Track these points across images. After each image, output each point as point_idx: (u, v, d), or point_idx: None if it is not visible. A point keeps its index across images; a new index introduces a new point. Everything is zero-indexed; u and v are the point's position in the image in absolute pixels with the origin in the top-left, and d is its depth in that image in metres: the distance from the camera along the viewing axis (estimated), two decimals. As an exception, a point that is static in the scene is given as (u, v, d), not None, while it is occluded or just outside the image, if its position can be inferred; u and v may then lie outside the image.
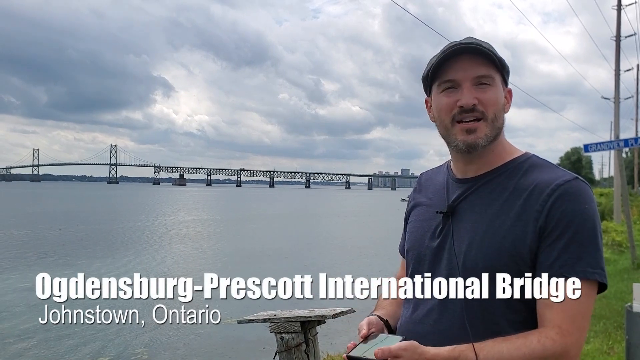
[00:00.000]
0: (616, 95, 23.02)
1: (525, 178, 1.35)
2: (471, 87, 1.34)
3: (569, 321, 1.23)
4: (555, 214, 1.27)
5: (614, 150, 10.90)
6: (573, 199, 1.28)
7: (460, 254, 1.33)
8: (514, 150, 1.44)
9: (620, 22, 22.35)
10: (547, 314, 1.25)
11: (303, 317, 3.82)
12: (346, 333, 8.77)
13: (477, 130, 1.34)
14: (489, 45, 1.38)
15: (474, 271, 1.30)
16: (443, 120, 1.39)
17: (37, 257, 18.50)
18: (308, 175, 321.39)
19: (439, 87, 1.39)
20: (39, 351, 8.79)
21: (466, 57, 1.35)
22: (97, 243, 22.68)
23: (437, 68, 1.38)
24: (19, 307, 10.75)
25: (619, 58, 22.41)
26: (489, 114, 1.35)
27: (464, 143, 1.36)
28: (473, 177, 1.42)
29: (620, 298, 7.06)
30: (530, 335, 1.23)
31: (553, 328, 1.23)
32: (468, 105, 1.33)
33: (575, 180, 1.31)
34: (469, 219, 1.36)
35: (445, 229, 1.40)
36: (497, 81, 1.38)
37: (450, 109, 1.36)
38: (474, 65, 1.34)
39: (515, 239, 1.28)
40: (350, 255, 20.52)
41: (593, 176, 70.74)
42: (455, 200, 1.41)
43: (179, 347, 9.17)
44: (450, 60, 1.35)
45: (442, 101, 1.38)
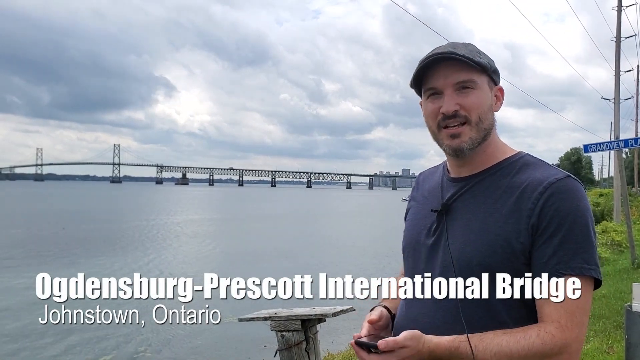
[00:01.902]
0: (616, 96, 22.99)
1: (518, 176, 1.36)
2: (453, 93, 1.36)
3: (567, 317, 1.25)
4: (548, 211, 1.28)
5: (613, 150, 10.89)
6: (565, 196, 1.29)
7: (454, 252, 1.35)
8: (507, 150, 1.46)
9: (620, 23, 22.33)
10: (545, 310, 1.27)
11: (304, 316, 3.83)
12: (347, 331, 8.78)
13: (462, 135, 1.37)
14: (470, 49, 1.39)
15: (468, 268, 1.32)
16: (430, 126, 1.43)
17: (40, 256, 18.51)
18: (309, 175, 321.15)
19: (425, 93, 1.42)
20: (40, 351, 8.81)
21: (447, 64, 1.36)
22: (100, 242, 22.69)
23: (418, 77, 1.41)
24: (20, 307, 10.74)
25: (619, 59, 22.40)
26: (472, 118, 1.37)
27: (450, 147, 1.39)
28: (467, 176, 1.44)
29: (619, 298, 7.06)
30: (530, 329, 1.25)
31: (552, 323, 1.25)
32: (449, 112, 1.36)
33: (567, 178, 1.32)
34: (463, 217, 1.38)
35: (440, 227, 1.42)
36: (482, 83, 1.39)
37: (435, 116, 1.39)
38: (454, 72, 1.36)
39: (508, 236, 1.30)
40: (351, 255, 20.52)
41: (593, 176, 70.63)
42: (450, 199, 1.43)
43: (180, 345, 9.18)
44: (432, 68, 1.38)
45: (428, 107, 1.41)
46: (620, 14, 22.37)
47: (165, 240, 25.00)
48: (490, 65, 1.41)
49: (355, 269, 15.84)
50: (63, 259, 17.43)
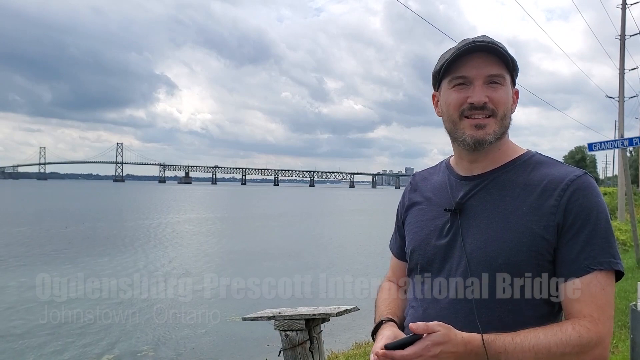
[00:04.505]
0: (620, 94, 22.95)
1: (535, 174, 1.37)
2: (482, 85, 1.36)
3: (599, 311, 1.26)
4: (573, 208, 1.29)
5: (618, 149, 10.85)
6: (587, 193, 1.31)
7: (475, 251, 1.34)
8: (517, 149, 1.46)
9: (625, 21, 22.30)
10: (576, 306, 1.27)
11: (308, 315, 3.82)
12: (351, 331, 8.77)
13: (487, 127, 1.36)
14: (503, 45, 1.39)
15: (492, 267, 1.31)
16: (451, 115, 1.40)
17: (43, 255, 18.53)
18: (312, 174, 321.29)
19: (450, 82, 1.40)
20: (41, 351, 8.82)
21: (480, 55, 1.36)
22: (102, 242, 22.72)
23: (450, 63, 1.38)
24: (22, 306, 10.72)
25: (623, 57, 22.36)
26: (499, 112, 1.37)
27: (472, 138, 1.37)
28: (479, 174, 1.43)
29: (624, 297, 7.02)
30: (565, 324, 1.26)
31: (585, 317, 1.25)
32: (479, 102, 1.35)
33: (585, 175, 1.35)
34: (482, 216, 1.37)
35: (454, 227, 1.40)
36: (507, 81, 1.39)
37: (460, 105, 1.37)
38: (487, 64, 1.36)
39: (533, 233, 1.30)
40: (354, 254, 20.51)
41: (597, 175, 70.50)
42: (463, 198, 1.41)
43: (183, 345, 9.17)
44: (464, 57, 1.36)
45: (452, 96, 1.39)
46: (624, 11, 22.33)
47: (168, 239, 25.01)
48: (517, 66, 1.41)
49: (359, 268, 15.83)
50: (65, 258, 17.43)
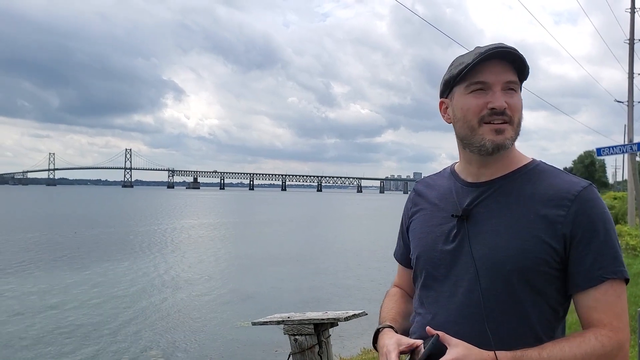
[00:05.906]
0: (630, 99, 22.75)
1: (541, 183, 1.38)
2: (500, 91, 1.37)
3: (617, 319, 1.29)
4: (582, 220, 1.31)
5: (627, 154, 10.81)
6: (594, 204, 1.34)
7: (483, 257, 1.35)
8: (523, 157, 1.47)
9: (633, 25, 22.18)
10: (594, 315, 1.30)
11: (316, 320, 3.84)
12: (359, 336, 8.78)
13: (505, 132, 1.37)
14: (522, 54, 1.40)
15: (500, 274, 1.32)
16: (469, 120, 1.39)
17: (52, 260, 18.68)
18: (320, 179, 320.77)
19: (467, 88, 1.39)
20: (53, 354, 8.88)
21: (497, 62, 1.37)
22: (111, 247, 22.86)
23: (469, 69, 1.38)
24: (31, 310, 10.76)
25: (632, 61, 22.20)
26: (515, 119, 1.38)
27: (493, 143, 1.36)
28: (487, 181, 1.43)
29: (633, 302, 6.99)
30: (586, 334, 1.28)
31: (605, 326, 1.28)
32: (501, 107, 1.35)
33: (590, 186, 1.36)
34: (489, 223, 1.38)
35: (461, 233, 1.40)
36: (519, 88, 1.41)
37: (480, 110, 1.37)
38: (504, 70, 1.37)
39: (541, 241, 1.31)
40: (362, 259, 20.49)
41: (607, 179, 69.83)
42: (470, 204, 1.42)
43: (192, 348, 9.21)
44: (481, 64, 1.37)
45: (471, 102, 1.38)
46: (633, 15, 22.25)
47: (176, 244, 25.14)
48: (528, 74, 1.43)
49: (367, 273, 15.81)
50: (74, 263, 17.53)
